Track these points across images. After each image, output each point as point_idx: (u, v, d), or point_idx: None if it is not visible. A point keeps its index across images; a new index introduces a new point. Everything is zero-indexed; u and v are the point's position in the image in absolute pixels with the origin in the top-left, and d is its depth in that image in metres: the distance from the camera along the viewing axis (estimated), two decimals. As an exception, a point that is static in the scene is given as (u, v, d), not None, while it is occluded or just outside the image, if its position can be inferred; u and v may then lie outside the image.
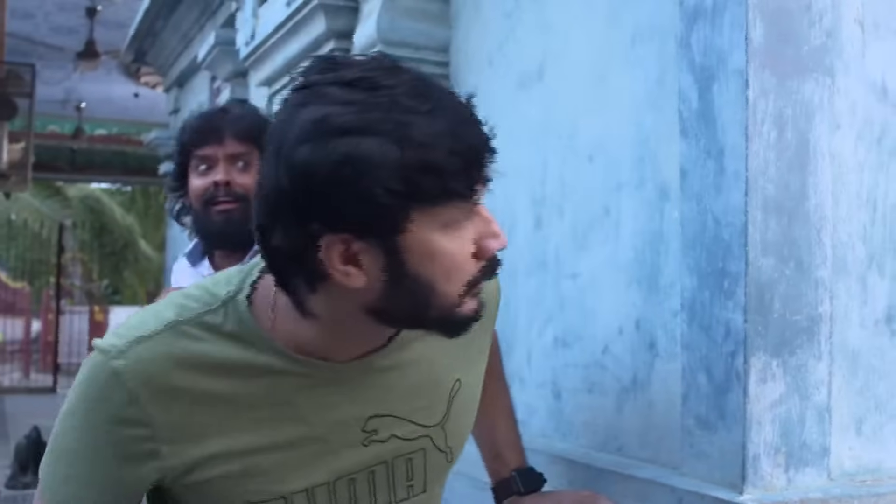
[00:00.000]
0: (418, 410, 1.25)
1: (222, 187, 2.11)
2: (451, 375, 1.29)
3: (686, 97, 1.62)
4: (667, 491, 1.59)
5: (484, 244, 1.11)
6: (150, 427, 1.12)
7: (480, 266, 1.11)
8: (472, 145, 1.06)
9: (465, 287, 1.10)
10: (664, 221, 1.73)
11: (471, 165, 1.06)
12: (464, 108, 1.09)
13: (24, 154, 10.69)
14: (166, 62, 6.77)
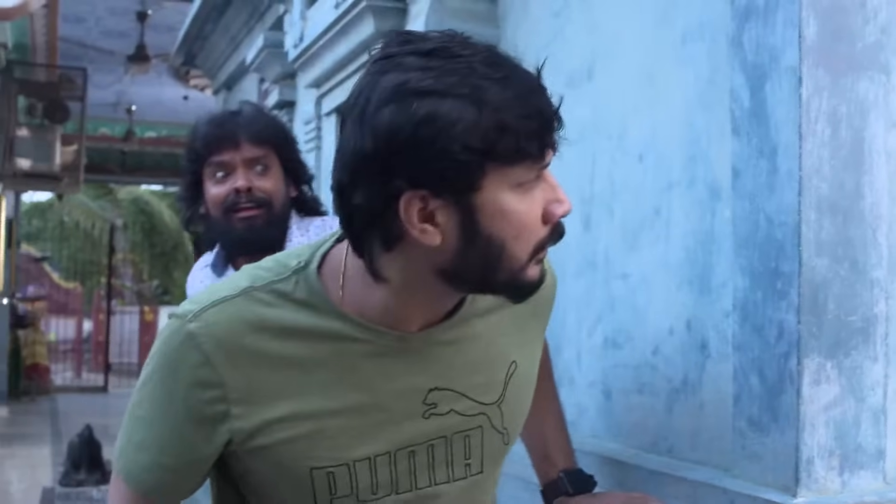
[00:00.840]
0: (477, 387, 1.27)
1: (244, 193, 2.06)
2: (508, 356, 1.31)
3: (738, 96, 1.60)
4: (718, 493, 1.57)
5: (551, 208, 1.14)
6: (223, 388, 1.16)
7: (547, 230, 1.14)
8: (542, 110, 1.11)
9: (532, 249, 1.13)
10: (716, 221, 1.71)
11: (542, 128, 1.11)
12: (534, 78, 1.14)
13: (77, 156, 10.84)
14: (215, 65, 6.83)
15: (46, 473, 7.57)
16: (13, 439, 9.31)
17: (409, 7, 2.80)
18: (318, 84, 3.61)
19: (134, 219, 21.21)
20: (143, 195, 21.38)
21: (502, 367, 1.30)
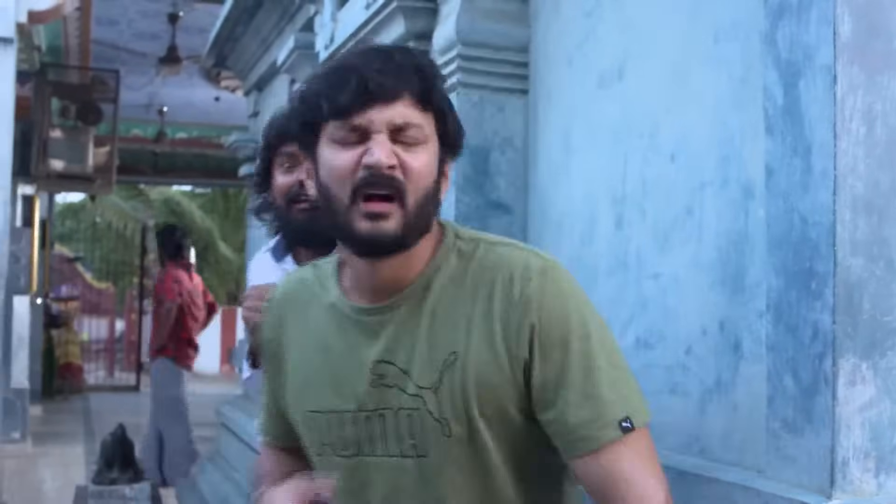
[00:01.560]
0: (414, 367, 1.41)
1: (306, 186, 2.12)
2: (449, 347, 1.40)
3: (771, 94, 1.59)
4: (752, 494, 1.56)
5: (362, 158, 1.35)
6: (279, 329, 1.58)
7: (359, 176, 1.35)
8: (346, 81, 1.36)
9: (350, 192, 1.36)
10: (749, 221, 1.70)
11: (342, 94, 1.35)
12: (361, 60, 1.39)
13: (109, 157, 10.93)
14: (246, 66, 6.86)
15: (79, 472, 7.64)
16: (47, 438, 9.40)
17: (440, 7, 2.80)
18: (349, 85, 3.61)
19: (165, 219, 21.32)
20: (175, 196, 21.51)
21: (441, 355, 1.40)
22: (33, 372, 10.82)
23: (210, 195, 22.43)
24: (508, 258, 1.41)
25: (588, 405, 1.36)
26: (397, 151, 1.36)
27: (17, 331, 9.46)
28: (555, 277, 1.39)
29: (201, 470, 6.61)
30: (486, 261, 1.42)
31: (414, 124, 1.37)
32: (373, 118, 1.35)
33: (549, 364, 1.37)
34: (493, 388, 1.39)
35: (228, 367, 16.62)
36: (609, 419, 1.35)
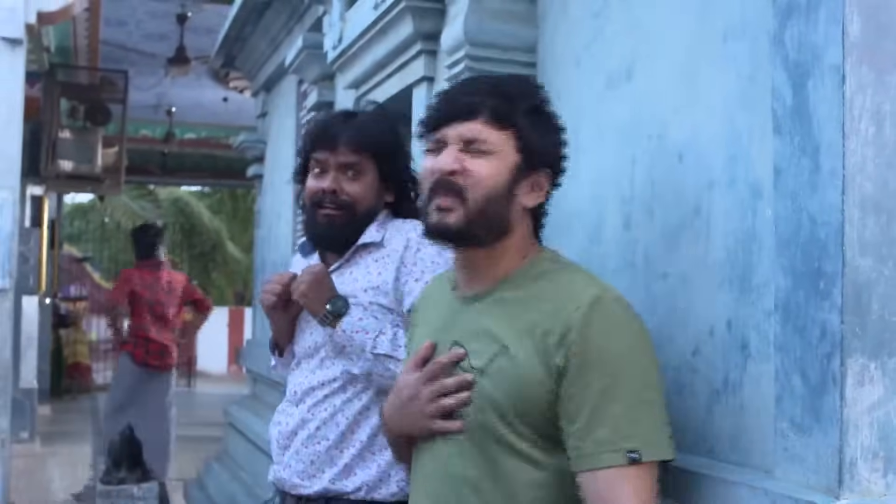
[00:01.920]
0: (475, 350, 1.64)
1: (329, 194, 2.23)
2: (500, 339, 1.61)
3: (780, 94, 1.59)
4: (760, 494, 1.56)
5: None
6: (416, 315, 1.92)
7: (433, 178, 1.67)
8: (435, 106, 1.72)
9: (427, 192, 1.68)
10: (757, 221, 1.70)
11: (431, 114, 1.71)
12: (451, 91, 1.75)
13: (118, 158, 10.95)
14: (254, 67, 6.87)
15: (87, 471, 7.66)
16: (55, 437, 9.43)
17: (448, 8, 2.80)
18: (357, 85, 3.62)
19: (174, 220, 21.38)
20: (183, 196, 21.55)
21: (492, 344, 1.61)
22: (42, 372, 10.86)
23: (218, 195, 22.47)
24: (572, 283, 1.62)
25: (603, 428, 1.50)
26: (464, 159, 1.63)
27: (26, 331, 9.49)
28: (604, 310, 1.56)
29: (208, 469, 6.62)
30: (556, 281, 1.63)
31: (482, 139, 1.63)
32: (447, 133, 1.66)
33: (578, 383, 1.53)
34: (526, 385, 1.57)
35: (236, 368, 16.64)
36: (619, 445, 1.49)
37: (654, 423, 1.54)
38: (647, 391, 1.55)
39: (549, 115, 1.73)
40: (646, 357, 1.58)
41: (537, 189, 1.70)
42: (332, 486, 2.15)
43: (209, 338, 18.38)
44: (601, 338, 1.53)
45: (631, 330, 1.58)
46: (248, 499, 5.31)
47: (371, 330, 2.15)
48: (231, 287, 22.30)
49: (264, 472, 2.38)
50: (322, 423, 2.19)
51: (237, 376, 16.22)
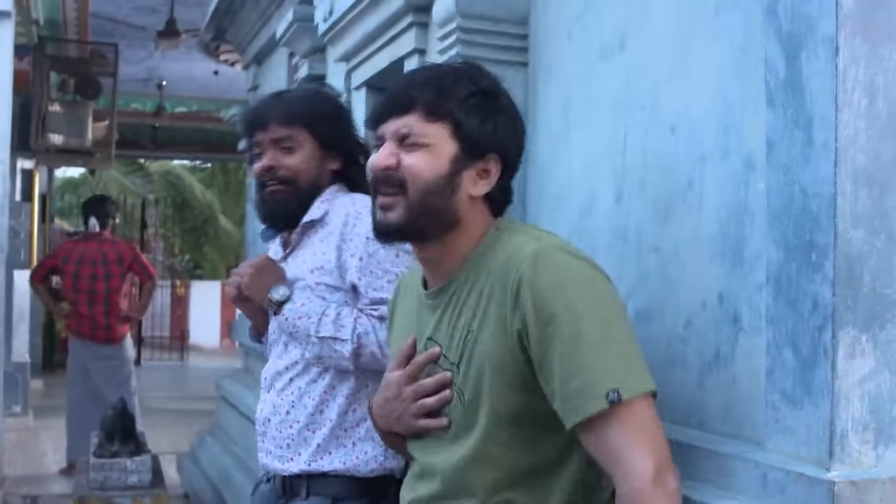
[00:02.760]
0: (447, 345, 1.63)
1: (268, 172, 2.26)
2: (468, 325, 1.59)
3: (773, 66, 1.58)
4: (751, 466, 1.57)
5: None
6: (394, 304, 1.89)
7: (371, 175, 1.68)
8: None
9: (372, 190, 1.69)
10: (749, 193, 1.69)
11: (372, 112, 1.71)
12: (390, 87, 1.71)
13: (108, 132, 10.88)
14: (245, 40, 6.82)
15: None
16: (48, 411, 9.43)
17: (440, -21, 2.77)
18: (348, 58, 3.60)
19: (165, 194, 21.30)
20: (174, 170, 21.46)
21: (462, 331, 1.60)
22: (34, 346, 10.84)
23: (210, 169, 22.39)
24: (514, 245, 1.57)
25: (577, 378, 1.46)
26: (398, 154, 1.62)
27: (18, 305, 9.47)
28: (545, 261, 1.51)
29: (201, 443, 6.64)
30: (500, 248, 1.59)
31: (416, 132, 1.61)
32: (386, 129, 1.65)
33: (542, 341, 1.49)
34: (500, 362, 1.54)
35: (228, 342, 16.66)
36: (597, 391, 1.44)
37: (625, 359, 1.48)
38: (610, 329, 1.49)
39: (492, 101, 1.66)
40: (601, 296, 1.52)
41: (485, 176, 1.65)
42: (309, 468, 2.18)
43: (201, 312, 18.40)
44: (550, 290, 1.49)
45: (580, 275, 1.52)
46: (241, 472, 5.33)
47: (314, 314, 2.16)
48: (224, 261, 22.25)
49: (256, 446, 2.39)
50: (291, 407, 2.22)
51: (229, 350, 16.23)
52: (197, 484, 6.09)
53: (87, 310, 6.92)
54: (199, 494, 5.90)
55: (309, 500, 2.17)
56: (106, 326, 6.95)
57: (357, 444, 2.16)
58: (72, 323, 7.04)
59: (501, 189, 1.68)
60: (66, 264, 6.99)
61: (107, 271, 6.99)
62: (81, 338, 6.96)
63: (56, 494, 6.33)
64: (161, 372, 14.31)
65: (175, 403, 10.67)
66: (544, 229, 1.71)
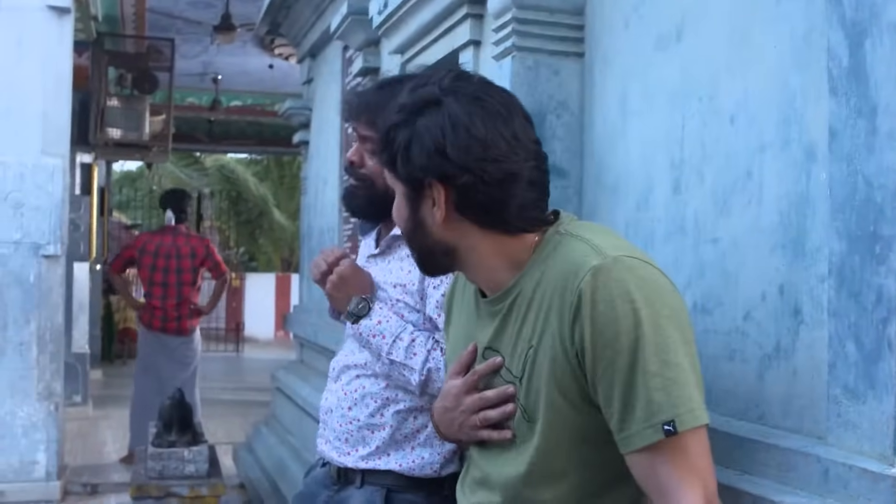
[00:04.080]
0: (510, 357, 1.56)
1: (350, 166, 2.26)
2: (529, 339, 1.52)
3: (836, 54, 1.56)
4: (812, 461, 1.55)
5: None
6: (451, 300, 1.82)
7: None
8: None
9: None
10: (811, 184, 1.67)
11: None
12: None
13: (165, 126, 11.00)
14: (299, 33, 6.86)
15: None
16: (107, 401, 9.59)
17: (494, -30, 2.76)
18: (403, 50, 3.60)
19: (220, 187, 21.52)
20: (229, 163, 21.66)
21: (524, 346, 1.53)
22: (93, 337, 11.03)
23: (264, 162, 22.57)
24: (574, 255, 1.48)
25: (634, 407, 1.40)
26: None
27: (78, 297, 9.63)
28: (607, 277, 1.42)
29: (256, 433, 6.70)
30: (560, 257, 1.51)
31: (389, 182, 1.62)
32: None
33: (600, 365, 1.43)
34: (560, 381, 1.48)
35: (283, 333, 16.80)
36: (653, 422, 1.38)
37: (684, 389, 1.39)
38: (670, 354, 1.40)
39: (407, 126, 1.53)
40: (664, 318, 1.41)
41: (438, 203, 1.53)
42: (365, 465, 2.18)
43: (257, 304, 18.57)
44: (608, 311, 1.40)
45: (641, 293, 1.41)
46: (296, 462, 5.37)
47: (388, 334, 2.14)
48: (278, 253, 22.45)
49: (311, 436, 2.40)
50: (353, 403, 2.22)
51: (284, 342, 16.38)
52: (252, 474, 6.15)
53: (160, 302, 7.04)
54: (254, 484, 5.96)
55: (363, 489, 2.17)
56: (177, 318, 7.07)
57: (416, 450, 2.15)
58: (144, 315, 7.14)
59: (494, 197, 1.51)
60: (142, 256, 7.11)
61: (179, 265, 7.12)
62: (153, 330, 7.06)
63: (115, 483, 6.43)
64: (217, 363, 14.48)
65: (231, 394, 10.78)
66: (609, 230, 1.61)
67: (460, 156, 1.48)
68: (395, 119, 1.55)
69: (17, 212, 5.81)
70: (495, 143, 1.49)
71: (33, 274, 5.82)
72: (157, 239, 7.20)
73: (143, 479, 4.69)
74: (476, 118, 1.49)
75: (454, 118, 1.49)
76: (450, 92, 1.52)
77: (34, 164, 5.84)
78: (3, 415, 5.78)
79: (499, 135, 1.49)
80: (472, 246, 1.56)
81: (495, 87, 1.58)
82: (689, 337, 1.44)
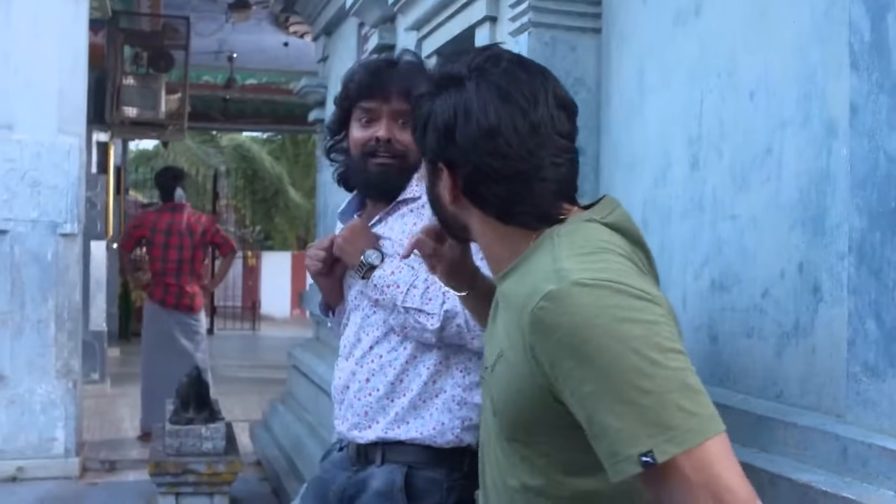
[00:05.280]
0: (489, 346, 1.51)
1: (384, 143, 2.20)
2: (500, 343, 1.42)
3: (857, 28, 1.54)
4: (831, 439, 1.54)
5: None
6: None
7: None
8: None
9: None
10: (831, 160, 1.65)
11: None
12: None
13: (181, 104, 11.02)
14: (314, 11, 6.84)
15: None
16: (124, 379, 9.64)
17: (511, -55, 2.74)
18: (419, 27, 3.58)
19: (236, 165, 21.55)
20: (245, 142, 21.68)
21: (496, 348, 1.44)
22: (110, 315, 11.09)
23: (280, 141, 22.58)
24: (533, 273, 1.35)
25: (606, 439, 1.24)
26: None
27: (95, 275, 9.68)
28: (560, 305, 1.26)
29: (273, 411, 6.73)
30: (528, 265, 1.40)
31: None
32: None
33: (565, 393, 1.28)
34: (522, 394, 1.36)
35: (299, 311, 16.86)
36: (628, 454, 1.21)
37: (662, 414, 1.21)
38: (644, 380, 1.22)
39: (426, 105, 1.49)
40: (633, 339, 1.23)
41: (447, 186, 1.48)
42: (386, 435, 2.17)
43: (273, 282, 18.63)
44: (563, 341, 1.26)
45: (604, 316, 1.24)
46: (312, 439, 5.39)
47: (403, 283, 2.14)
48: (293, 232, 22.49)
49: (327, 413, 2.41)
50: (371, 374, 2.21)
51: (300, 320, 16.43)
52: (269, 451, 6.19)
53: (174, 279, 7.09)
54: (271, 461, 5.99)
55: (384, 466, 2.17)
56: (190, 295, 7.12)
57: (434, 415, 2.15)
58: (157, 292, 7.16)
59: (496, 193, 1.43)
60: (154, 234, 7.15)
61: (192, 242, 7.17)
62: (166, 307, 7.10)
63: (133, 459, 6.47)
64: (233, 341, 14.53)
65: (247, 372, 10.83)
66: (598, 235, 1.39)
67: (466, 145, 1.41)
68: (421, 91, 1.51)
69: (34, 190, 5.83)
70: (507, 136, 1.39)
71: (51, 252, 5.85)
72: (166, 217, 7.22)
73: (161, 455, 4.72)
74: (491, 106, 1.40)
75: (468, 103, 1.41)
76: (475, 73, 1.43)
77: (51, 143, 5.86)
78: (23, 392, 5.82)
79: (513, 128, 1.39)
80: (481, 231, 1.50)
81: (529, 70, 1.45)
82: (669, 349, 1.24)
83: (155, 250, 7.17)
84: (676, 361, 1.24)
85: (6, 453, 5.80)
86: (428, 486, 2.13)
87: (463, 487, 2.11)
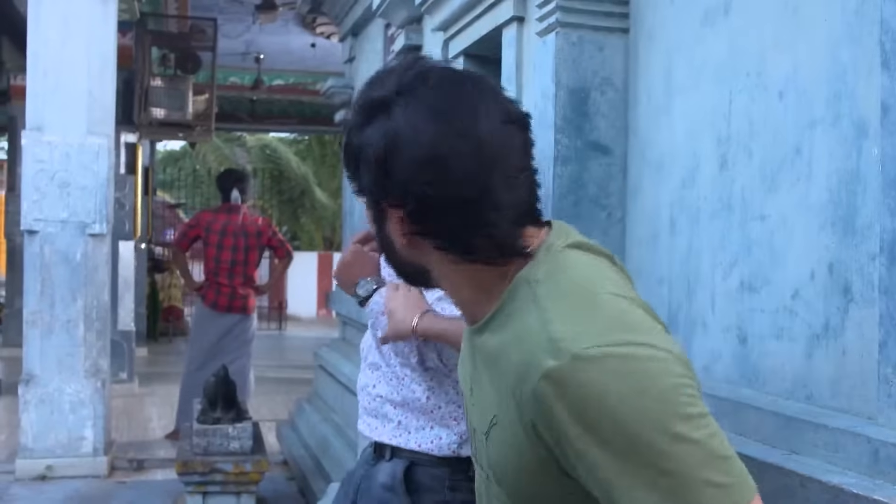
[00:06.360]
0: (480, 405, 1.31)
1: None
2: (492, 408, 1.26)
3: (889, 27, 1.52)
4: (862, 441, 1.52)
5: None
6: None
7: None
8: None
9: None
10: (862, 160, 1.64)
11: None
12: None
13: (208, 105, 11.07)
14: (341, 12, 6.85)
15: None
16: (152, 378, 9.71)
17: (538, -55, 2.73)
18: (446, 27, 3.58)
19: (262, 166, 21.62)
20: (271, 143, 21.76)
21: (489, 411, 1.26)
22: (139, 315, 11.15)
23: (306, 141, 22.65)
24: (524, 342, 1.18)
25: None
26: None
27: (123, 275, 9.75)
28: (569, 387, 1.11)
29: (300, 410, 6.75)
30: (515, 326, 1.22)
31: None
32: None
33: (581, 470, 1.15)
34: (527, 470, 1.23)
35: (325, 311, 16.90)
36: None
37: (690, 494, 1.08)
38: (664, 461, 1.09)
39: (367, 132, 1.26)
40: (650, 418, 1.09)
41: (396, 226, 1.27)
42: (391, 442, 2.25)
43: (299, 282, 18.69)
44: (575, 421, 1.11)
45: (615, 395, 1.10)
46: (339, 439, 5.41)
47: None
48: (320, 232, 22.55)
49: (354, 413, 2.44)
50: (377, 381, 2.32)
51: (327, 320, 16.47)
52: (296, 451, 6.20)
53: (227, 280, 7.08)
54: (297, 461, 6.01)
55: (391, 461, 2.25)
56: (243, 297, 7.11)
57: (434, 429, 2.22)
58: (209, 293, 7.13)
59: (447, 226, 1.24)
60: (208, 235, 7.14)
61: (247, 243, 7.16)
62: (217, 309, 7.07)
63: (160, 458, 6.51)
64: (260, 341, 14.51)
65: (274, 372, 10.87)
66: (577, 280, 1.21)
67: (403, 178, 1.22)
68: (350, 122, 1.30)
69: (63, 191, 5.88)
70: (446, 161, 1.20)
71: (80, 252, 5.90)
72: (222, 218, 7.21)
73: (189, 455, 4.75)
74: (423, 131, 1.21)
75: (398, 131, 1.22)
76: (402, 95, 1.24)
77: (80, 144, 5.91)
78: (52, 391, 5.87)
79: (451, 151, 1.20)
80: (443, 274, 1.31)
81: (464, 83, 1.27)
82: (690, 424, 1.10)
83: (208, 250, 7.17)
84: (699, 430, 1.10)
85: (35, 452, 5.86)
86: (430, 482, 2.21)
87: (468, 490, 2.13)
